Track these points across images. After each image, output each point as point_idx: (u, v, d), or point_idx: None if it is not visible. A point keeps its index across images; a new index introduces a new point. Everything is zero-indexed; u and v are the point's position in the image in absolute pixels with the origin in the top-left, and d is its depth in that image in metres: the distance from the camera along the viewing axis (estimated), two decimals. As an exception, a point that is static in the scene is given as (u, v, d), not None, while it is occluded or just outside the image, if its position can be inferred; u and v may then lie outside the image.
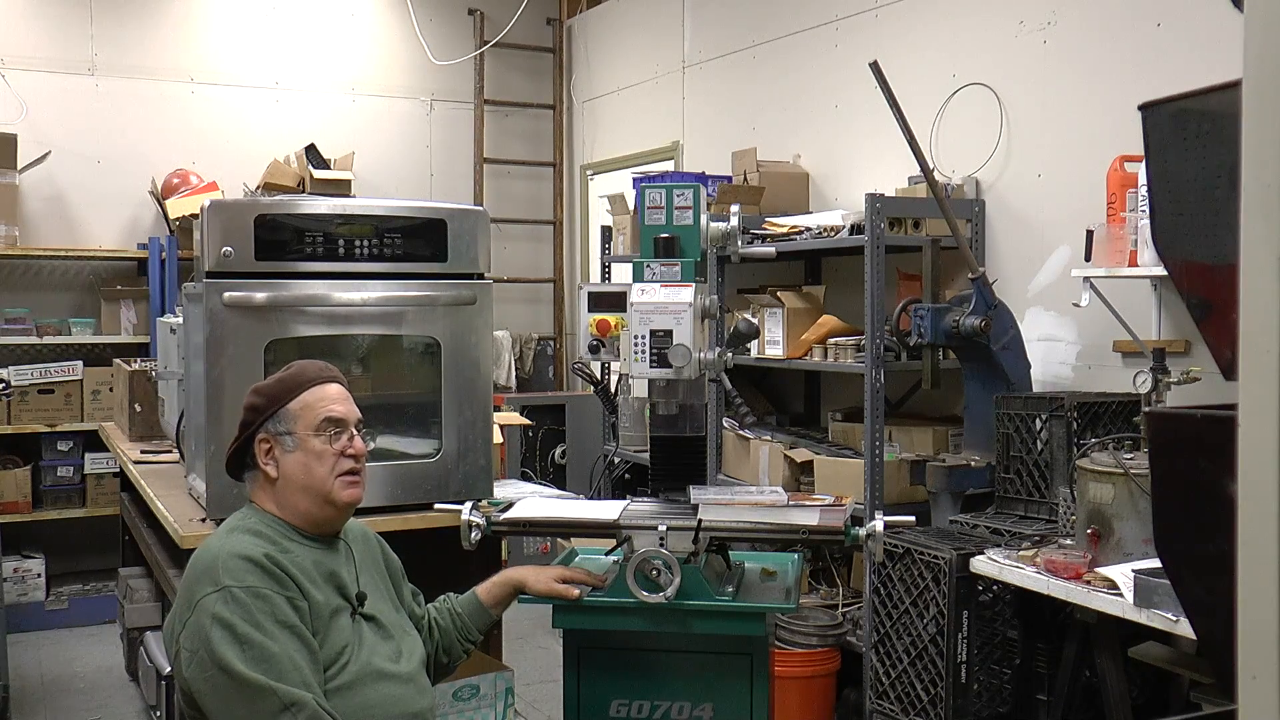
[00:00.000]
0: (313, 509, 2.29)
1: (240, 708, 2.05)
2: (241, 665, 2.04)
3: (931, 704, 3.55)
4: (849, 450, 4.54)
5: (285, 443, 2.27)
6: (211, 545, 2.22)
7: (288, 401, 2.28)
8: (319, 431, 2.28)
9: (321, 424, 2.28)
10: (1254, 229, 0.83)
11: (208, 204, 3.26)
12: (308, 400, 2.29)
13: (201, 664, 2.08)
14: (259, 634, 2.07)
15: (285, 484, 2.27)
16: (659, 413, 2.69)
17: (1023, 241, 4.35)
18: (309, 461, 2.27)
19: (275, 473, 2.27)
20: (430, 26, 7.34)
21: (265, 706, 2.04)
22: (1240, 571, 0.83)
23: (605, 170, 7.37)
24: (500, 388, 7.00)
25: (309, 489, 2.27)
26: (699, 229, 2.67)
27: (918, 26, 4.83)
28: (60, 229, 6.51)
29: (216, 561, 2.14)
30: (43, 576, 6.14)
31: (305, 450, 2.27)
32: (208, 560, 2.16)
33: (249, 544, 2.18)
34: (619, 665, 2.50)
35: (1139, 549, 3.02)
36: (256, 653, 2.06)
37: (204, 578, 2.13)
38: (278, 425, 2.28)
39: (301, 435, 2.27)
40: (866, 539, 2.44)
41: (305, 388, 2.30)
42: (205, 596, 2.10)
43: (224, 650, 2.05)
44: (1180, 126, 1.30)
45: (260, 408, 2.30)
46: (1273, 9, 0.81)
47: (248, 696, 2.04)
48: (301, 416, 2.28)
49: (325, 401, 2.30)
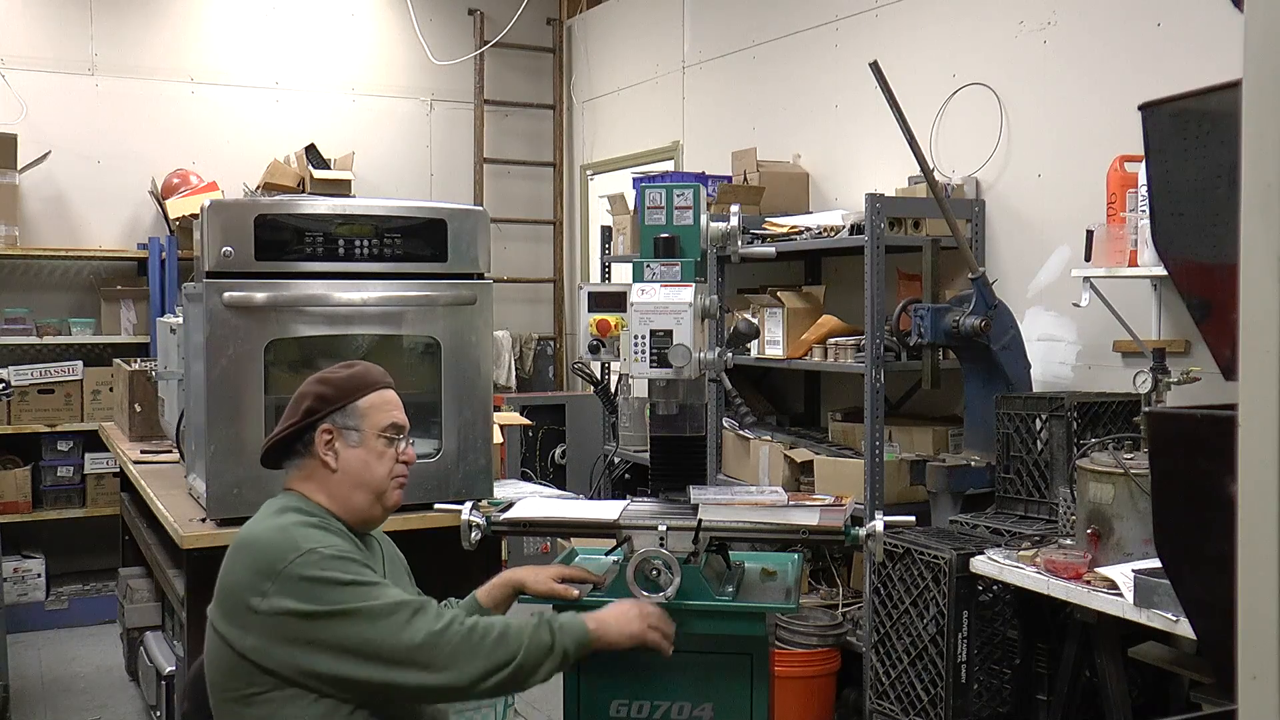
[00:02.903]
0: (363, 505, 2.33)
1: (374, 633, 2.10)
2: (359, 602, 2.11)
3: (931, 704, 3.55)
4: (849, 450, 4.54)
5: (350, 437, 2.32)
6: (268, 524, 2.23)
7: (358, 398, 2.33)
8: (383, 434, 2.34)
9: (388, 427, 2.34)
10: (1254, 229, 0.83)
11: (208, 204, 3.27)
12: (375, 401, 2.35)
13: (311, 621, 2.10)
14: (359, 576, 2.15)
15: (343, 477, 2.31)
16: (659, 413, 2.69)
17: (1023, 241, 4.35)
18: (370, 460, 2.32)
19: (335, 464, 2.31)
20: (430, 26, 7.34)
21: (398, 620, 2.10)
22: (1240, 571, 0.83)
23: (605, 170, 7.37)
24: (500, 388, 7.00)
25: (366, 485, 2.32)
26: (699, 229, 2.67)
27: (918, 26, 4.83)
28: (60, 229, 6.51)
29: (287, 534, 2.18)
30: (43, 576, 6.14)
31: (368, 448, 2.32)
32: (274, 535, 2.19)
33: (307, 520, 2.24)
34: (619, 665, 2.50)
35: (1139, 549, 3.02)
36: (365, 591, 2.13)
37: (282, 548, 2.15)
38: (346, 419, 2.32)
39: (367, 433, 2.32)
40: (866, 539, 2.44)
41: (373, 389, 2.36)
42: (292, 562, 2.12)
43: (336, 594, 2.11)
44: (1180, 126, 1.30)
45: (330, 398, 2.33)
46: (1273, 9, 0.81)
47: (378, 620, 2.10)
48: (369, 415, 2.33)
49: (390, 406, 2.37)
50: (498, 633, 2.15)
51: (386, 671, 2.10)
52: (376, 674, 2.10)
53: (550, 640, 2.19)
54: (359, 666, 2.10)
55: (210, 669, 2.23)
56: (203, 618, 2.27)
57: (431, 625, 2.12)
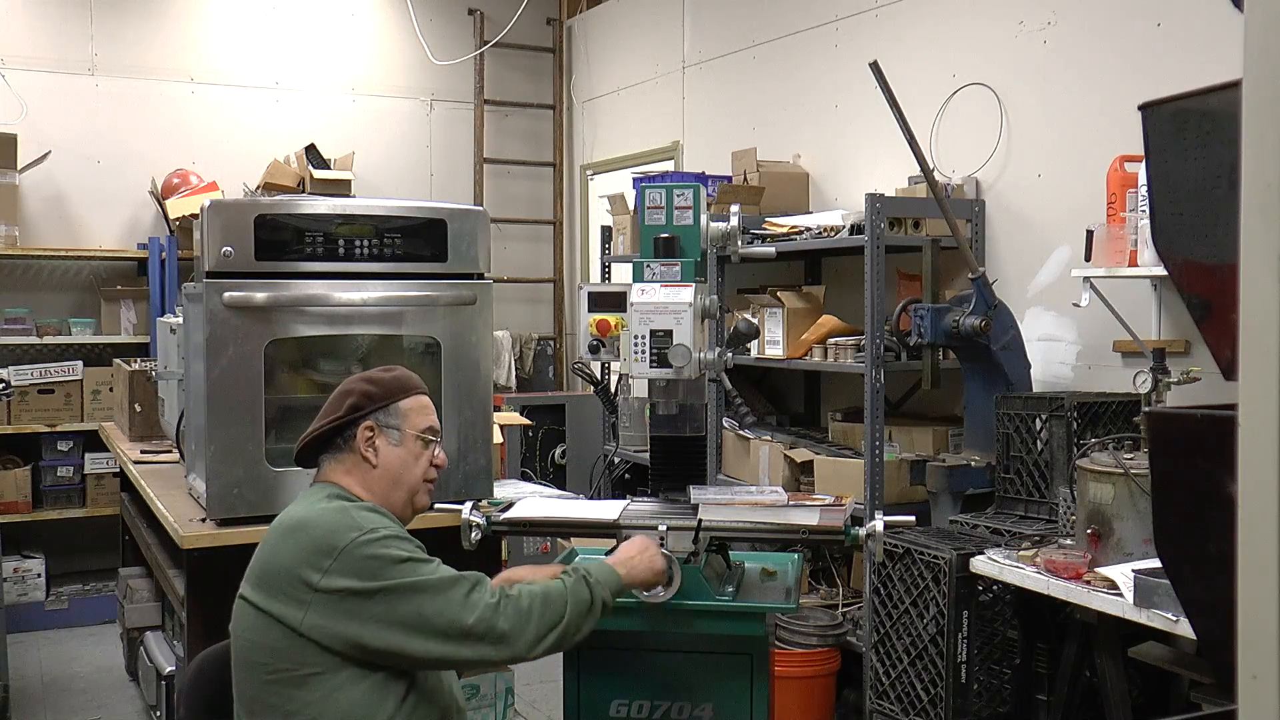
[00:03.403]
0: (397, 503, 2.39)
1: (434, 607, 2.15)
2: (419, 577, 2.17)
3: (931, 704, 3.55)
4: (849, 450, 4.54)
5: (391, 436, 2.38)
6: (321, 507, 2.27)
7: (401, 399, 2.40)
8: (422, 435, 2.40)
9: (426, 430, 2.42)
10: (1254, 229, 0.83)
11: (208, 204, 3.26)
12: (415, 405, 2.42)
13: (372, 598, 2.15)
14: (414, 554, 2.22)
15: (382, 473, 2.37)
16: (659, 413, 2.69)
17: (1023, 241, 4.35)
18: (408, 459, 2.38)
19: (375, 460, 2.36)
20: (430, 26, 7.34)
21: (456, 594, 2.17)
22: (1240, 571, 0.83)
23: (605, 170, 7.37)
24: (500, 388, 7.00)
25: (402, 484, 2.38)
26: (699, 229, 2.67)
27: (918, 26, 4.83)
28: (60, 229, 6.51)
29: (347, 514, 2.24)
30: (43, 576, 6.14)
31: (407, 448, 2.39)
32: (333, 516, 2.23)
33: (362, 507, 2.29)
34: (619, 665, 2.50)
35: (1139, 549, 3.02)
36: (425, 568, 2.20)
37: (343, 526, 2.20)
38: (389, 418, 2.38)
39: (407, 433, 2.39)
40: (866, 539, 2.44)
41: (414, 392, 2.44)
42: (355, 541, 2.17)
43: (397, 570, 2.17)
44: (1180, 126, 1.30)
45: (376, 396, 2.39)
46: (1273, 9, 0.81)
47: (438, 595, 2.16)
48: (409, 416, 2.40)
49: (428, 410, 2.45)
50: (541, 598, 2.23)
51: (444, 645, 2.16)
52: (436, 648, 2.16)
53: (589, 595, 2.26)
54: (421, 641, 2.16)
55: (252, 650, 2.22)
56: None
57: (487, 599, 2.19)
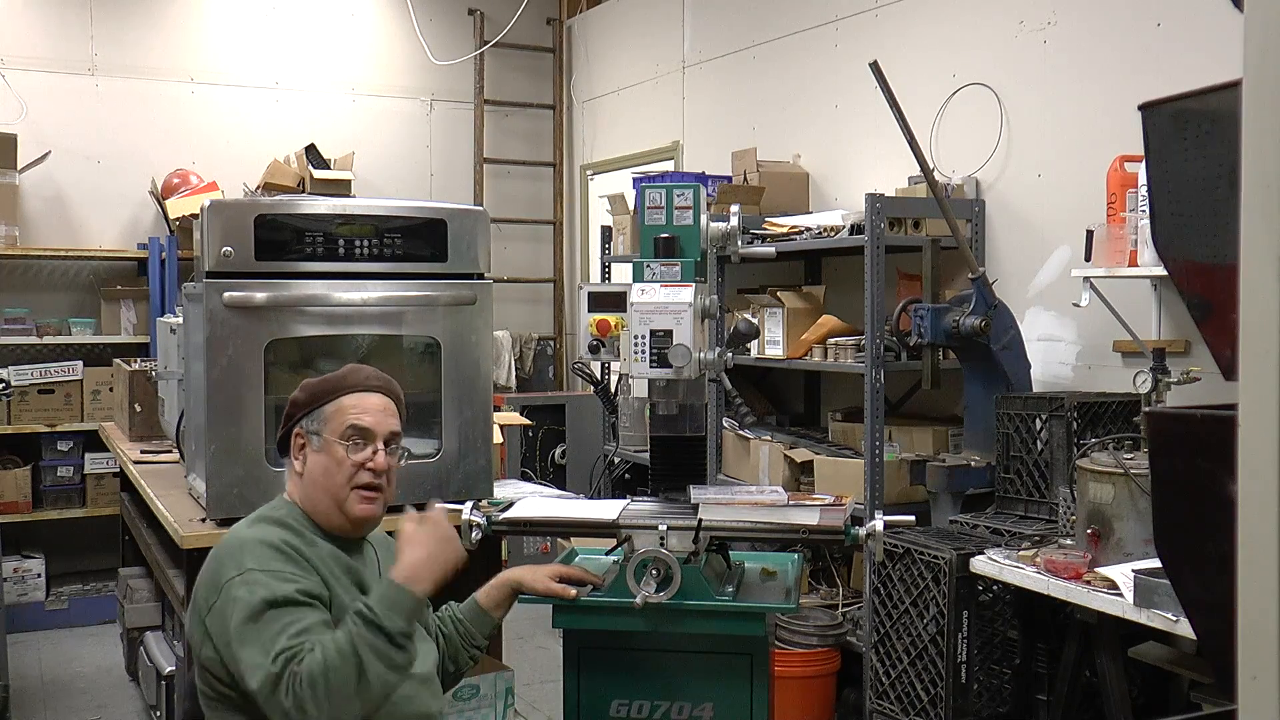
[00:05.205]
0: (330, 514, 2.29)
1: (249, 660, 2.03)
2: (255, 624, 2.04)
3: (931, 704, 3.55)
4: (849, 450, 4.54)
5: (314, 442, 2.29)
6: (238, 532, 2.25)
7: (325, 403, 2.29)
8: (344, 438, 2.27)
9: (347, 431, 2.27)
10: (1254, 229, 0.83)
11: (208, 204, 3.26)
12: (343, 405, 2.29)
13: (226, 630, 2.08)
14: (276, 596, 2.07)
15: (308, 482, 2.29)
16: (659, 413, 2.69)
17: (1023, 241, 4.35)
18: (329, 466, 2.27)
19: (302, 469, 2.30)
20: (430, 26, 7.34)
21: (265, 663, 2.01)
22: (1240, 571, 0.83)
23: (605, 170, 7.37)
24: (500, 388, 7.00)
25: (326, 492, 2.28)
26: (699, 229, 2.67)
27: (918, 26, 4.83)
28: (60, 229, 6.51)
29: (242, 547, 2.17)
30: (43, 576, 6.14)
31: (328, 454, 2.27)
32: (233, 546, 2.19)
33: (272, 532, 2.21)
34: (619, 665, 2.50)
35: (1139, 549, 3.02)
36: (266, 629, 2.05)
37: (229, 562, 2.15)
38: (311, 424, 2.29)
39: (327, 438, 2.27)
40: (866, 539, 2.44)
41: (346, 392, 2.31)
42: (230, 580, 2.11)
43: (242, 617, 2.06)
44: (1180, 126, 1.30)
45: (300, 403, 2.32)
46: (1273, 9, 0.81)
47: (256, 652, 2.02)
48: (331, 420, 2.28)
49: (358, 410, 2.29)
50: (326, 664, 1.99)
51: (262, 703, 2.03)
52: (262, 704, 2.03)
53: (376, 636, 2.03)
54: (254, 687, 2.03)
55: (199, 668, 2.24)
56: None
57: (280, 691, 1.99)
